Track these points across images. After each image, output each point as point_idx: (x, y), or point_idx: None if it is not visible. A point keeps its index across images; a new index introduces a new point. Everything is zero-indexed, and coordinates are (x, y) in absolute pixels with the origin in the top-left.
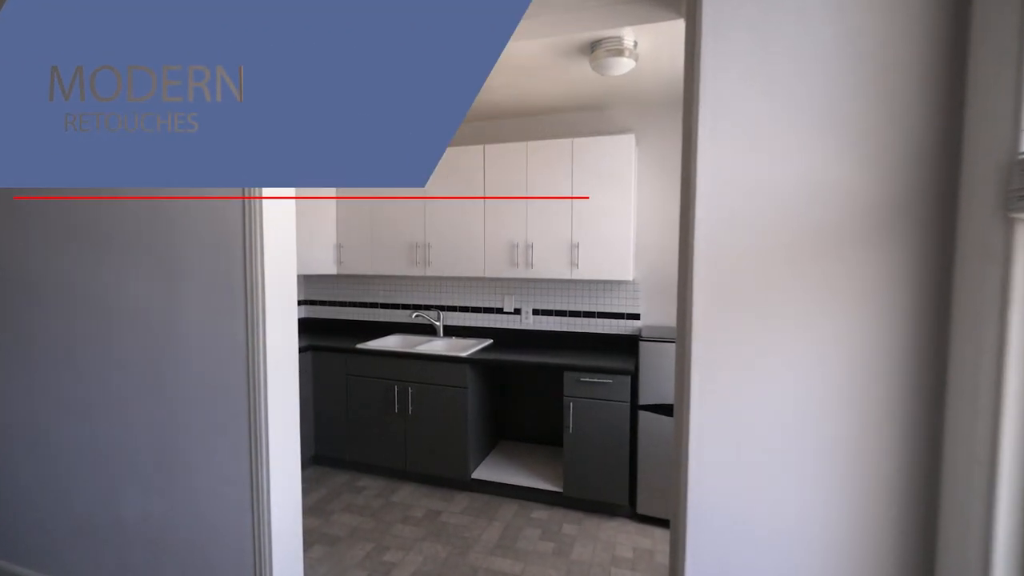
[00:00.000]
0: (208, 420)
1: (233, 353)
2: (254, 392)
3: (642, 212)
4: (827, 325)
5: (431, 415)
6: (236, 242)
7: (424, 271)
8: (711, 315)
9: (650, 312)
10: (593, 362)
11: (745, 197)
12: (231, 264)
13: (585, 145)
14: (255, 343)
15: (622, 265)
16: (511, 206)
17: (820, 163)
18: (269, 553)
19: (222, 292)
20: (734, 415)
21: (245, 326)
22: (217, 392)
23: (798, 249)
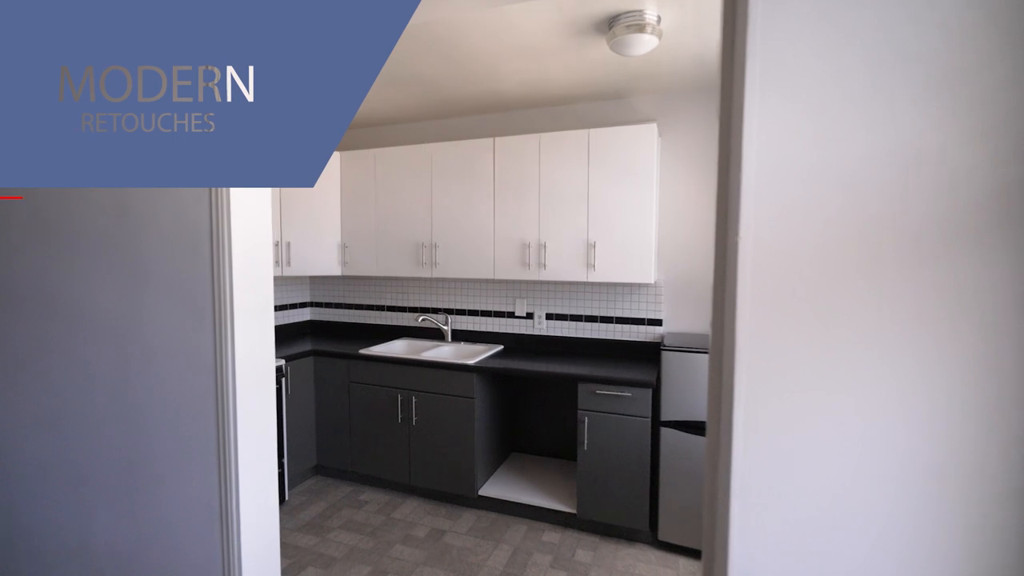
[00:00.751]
0: (176, 439)
1: (199, 365)
2: (222, 409)
3: (665, 209)
4: (923, 350)
5: (436, 426)
6: (203, 238)
7: (431, 272)
8: (760, 328)
9: (674, 317)
10: (610, 372)
11: (805, 183)
12: (198, 264)
13: (603, 136)
14: (223, 354)
15: (643, 266)
16: (523, 203)
17: (913, 139)
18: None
19: (188, 295)
20: (788, 450)
21: (213, 335)
22: (183, 408)
23: (875, 248)
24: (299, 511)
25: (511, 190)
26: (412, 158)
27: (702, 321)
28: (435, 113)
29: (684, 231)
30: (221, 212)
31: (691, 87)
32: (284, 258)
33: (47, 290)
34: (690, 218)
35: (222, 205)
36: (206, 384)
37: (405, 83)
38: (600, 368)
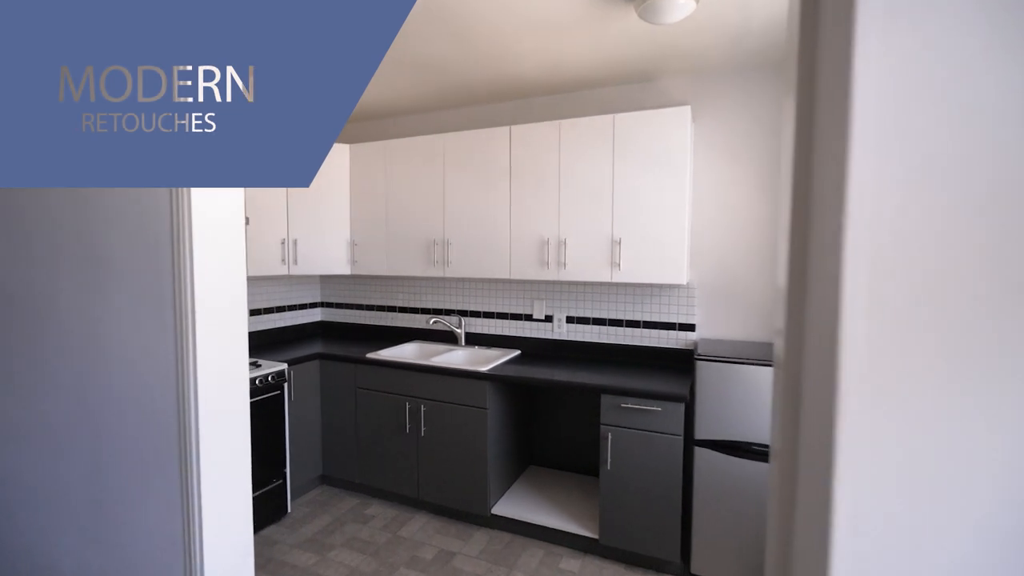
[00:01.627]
0: (139, 458)
1: (161, 377)
2: (184, 428)
3: (699, 202)
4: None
5: (446, 437)
6: (164, 238)
7: (443, 271)
8: (883, 336)
9: (708, 322)
10: (637, 383)
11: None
12: (159, 263)
13: (629, 121)
14: (184, 363)
15: (674, 266)
16: (541, 197)
17: None
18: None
19: (150, 300)
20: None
21: (175, 342)
22: (145, 425)
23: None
24: (301, 524)
25: (529, 183)
26: (423, 149)
27: (741, 326)
28: (447, 101)
29: (720, 227)
30: (182, 209)
31: (729, 66)
32: (290, 256)
33: (7, 289)
34: (727, 212)
35: (183, 202)
36: (167, 395)
37: (413, 68)
38: (626, 378)
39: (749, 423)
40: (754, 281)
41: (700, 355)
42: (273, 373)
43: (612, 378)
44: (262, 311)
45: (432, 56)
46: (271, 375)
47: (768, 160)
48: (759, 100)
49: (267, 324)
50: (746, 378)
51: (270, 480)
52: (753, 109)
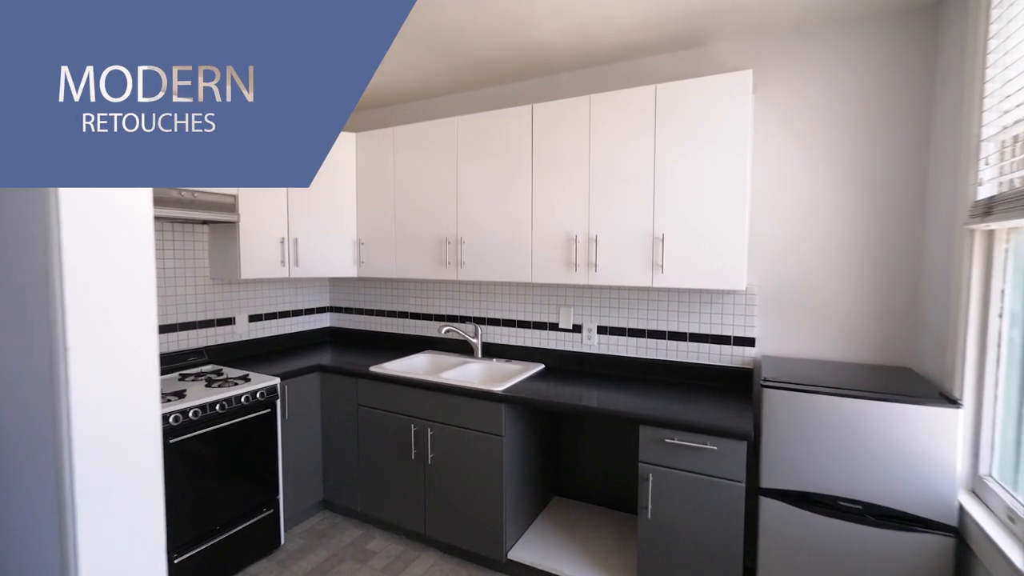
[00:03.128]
0: (19, 497)
1: (35, 407)
2: (58, 476)
3: (762, 190)
4: None
5: (456, 466)
6: (37, 243)
7: (456, 274)
8: None
9: (771, 336)
10: (685, 411)
11: None
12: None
13: (675, 93)
14: (56, 402)
15: (730, 267)
16: (568, 187)
17: None
18: None
19: (24, 314)
20: None
21: (49, 367)
22: (23, 459)
23: None
24: (294, 560)
25: (554, 171)
26: (435, 135)
27: (815, 343)
28: (461, 82)
29: (788, 220)
30: (49, 211)
31: (803, 20)
32: (291, 257)
33: None
34: (798, 203)
35: (50, 202)
36: (43, 442)
37: (422, 41)
38: (670, 402)
39: (834, 471)
40: (833, 288)
41: (768, 380)
42: (262, 389)
43: (653, 402)
44: (263, 317)
45: (443, 26)
46: (260, 391)
47: (854, 139)
48: (847, 62)
49: (267, 331)
50: (830, 412)
51: (259, 510)
52: (836, 74)
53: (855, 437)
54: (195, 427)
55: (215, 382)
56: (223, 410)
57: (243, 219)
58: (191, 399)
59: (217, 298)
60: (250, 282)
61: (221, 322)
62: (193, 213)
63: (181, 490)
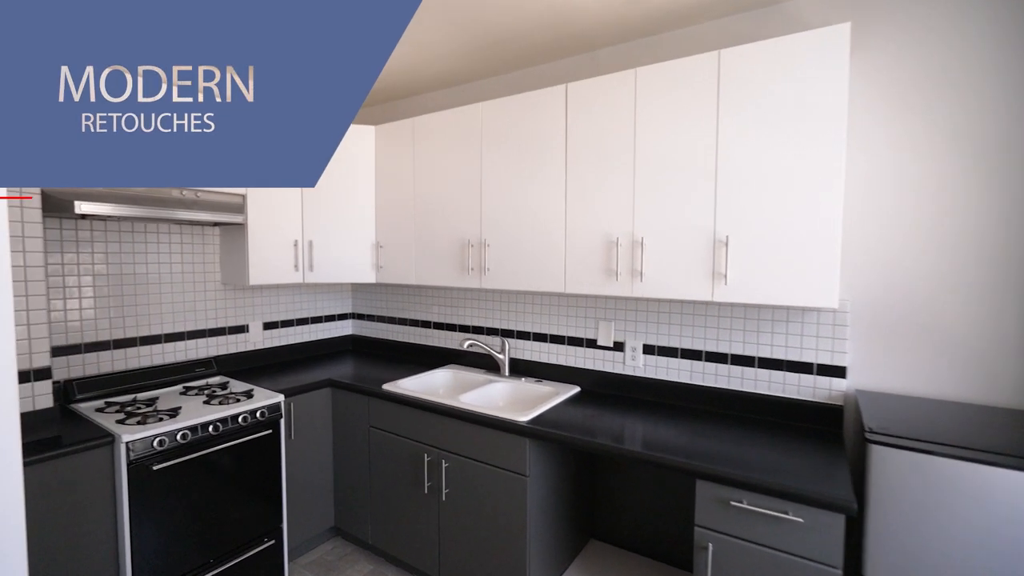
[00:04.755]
0: None
1: None
2: None
3: (859, 179)
4: None
5: (474, 505)
6: None
7: (479, 281)
8: None
9: (869, 365)
10: (756, 465)
11: None
12: None
13: (745, 59)
14: None
15: (817, 279)
16: (608, 180)
17: None
18: None
19: None
20: None
21: None
22: None
23: None
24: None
25: (591, 160)
26: (457, 125)
27: (930, 377)
28: (488, 65)
29: (896, 221)
30: None
31: None
32: (305, 261)
33: None
34: (910, 199)
35: None
36: None
37: (442, 13)
38: (735, 448)
39: (977, 570)
40: (956, 305)
41: (876, 432)
42: (263, 408)
43: (713, 445)
44: (279, 324)
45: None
46: (260, 410)
47: (984, 114)
48: (977, 10)
49: (283, 340)
50: (974, 486)
51: (260, 540)
52: (959, 29)
53: (1012, 526)
54: (184, 451)
55: (216, 398)
56: (217, 432)
57: (252, 220)
58: (183, 419)
59: (229, 304)
60: (264, 287)
61: (233, 330)
62: (197, 214)
63: (169, 521)
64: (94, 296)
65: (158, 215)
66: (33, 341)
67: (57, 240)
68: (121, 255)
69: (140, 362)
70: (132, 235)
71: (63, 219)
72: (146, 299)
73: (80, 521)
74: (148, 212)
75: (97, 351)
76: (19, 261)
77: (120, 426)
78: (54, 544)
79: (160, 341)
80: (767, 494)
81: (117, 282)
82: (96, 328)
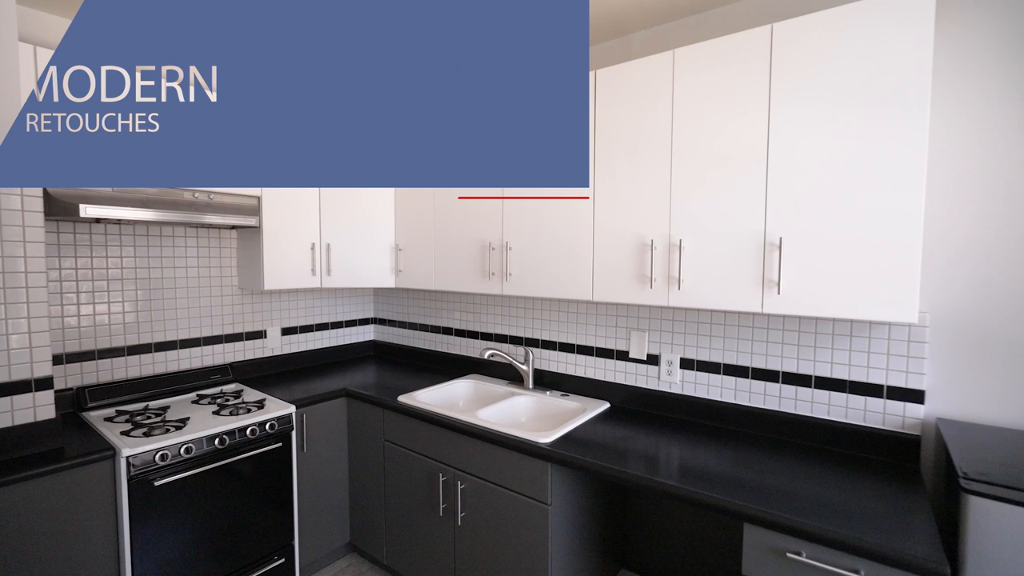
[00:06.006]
0: None
1: None
2: None
3: (942, 170)
4: None
5: (491, 531)
6: None
7: (500, 287)
8: None
9: (953, 389)
10: (819, 510)
11: None
12: None
13: (802, 33)
14: None
15: (894, 289)
16: (642, 175)
17: None
18: None
19: None
20: None
21: None
22: None
23: None
24: None
25: (622, 154)
26: None
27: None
28: None
29: (992, 221)
30: None
31: None
32: (323, 265)
33: None
34: (1011, 193)
35: None
36: None
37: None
38: (790, 482)
39: None
40: None
41: (973, 479)
42: (273, 420)
43: (760, 476)
44: (297, 330)
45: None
46: (270, 422)
47: None
48: None
49: (302, 345)
50: None
51: (270, 558)
52: None
53: None
54: (188, 466)
55: (227, 408)
56: (223, 445)
57: (267, 223)
58: (188, 431)
59: (246, 309)
60: (283, 291)
61: (250, 336)
62: (210, 217)
63: (173, 539)
64: (108, 301)
65: (168, 218)
66: (34, 350)
67: (71, 244)
68: (136, 259)
69: (155, 368)
70: (147, 239)
71: (76, 223)
72: (161, 304)
73: (80, 538)
74: (158, 216)
75: (111, 357)
76: (20, 267)
77: (124, 438)
78: (52, 560)
79: (175, 347)
80: (832, 547)
81: (132, 287)
82: (110, 334)
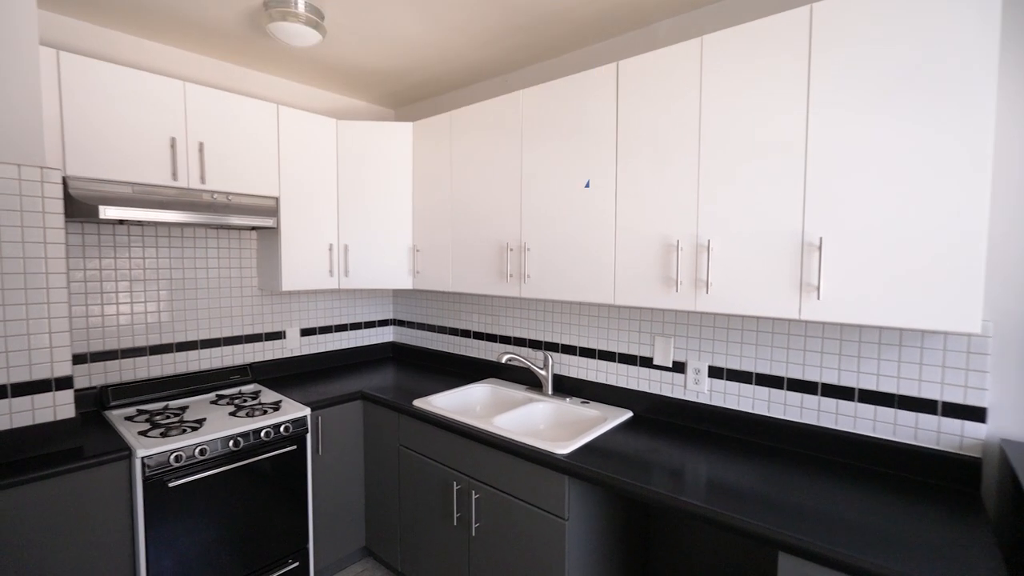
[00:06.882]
0: None
1: None
2: None
3: (1015, 165)
4: None
5: (506, 544)
6: None
7: (518, 289)
8: None
9: (1019, 405)
10: (865, 539)
11: None
12: None
13: (847, 11)
14: None
15: (953, 295)
16: (668, 171)
17: None
18: None
19: None
20: None
21: None
22: None
23: None
24: None
25: (646, 149)
26: (496, 116)
27: None
28: (530, 48)
29: None
30: None
31: None
32: (340, 266)
33: None
34: None
35: None
36: None
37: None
38: (829, 505)
39: None
40: None
41: None
42: (288, 422)
43: (797, 496)
44: (316, 331)
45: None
46: (285, 424)
47: None
48: None
49: (321, 346)
50: None
51: (284, 561)
52: None
53: None
54: (203, 467)
55: (243, 409)
56: (238, 447)
57: (285, 223)
58: (204, 432)
59: (266, 310)
60: (302, 293)
61: (270, 336)
62: (228, 218)
63: (187, 541)
64: (131, 301)
65: (187, 220)
66: (55, 350)
67: (95, 245)
68: (159, 260)
69: (176, 368)
70: (169, 240)
71: (100, 224)
72: (183, 304)
73: (96, 538)
74: (176, 217)
75: (134, 356)
76: (41, 268)
77: (141, 438)
78: (69, 559)
79: (196, 347)
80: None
81: (155, 287)
82: (133, 333)
